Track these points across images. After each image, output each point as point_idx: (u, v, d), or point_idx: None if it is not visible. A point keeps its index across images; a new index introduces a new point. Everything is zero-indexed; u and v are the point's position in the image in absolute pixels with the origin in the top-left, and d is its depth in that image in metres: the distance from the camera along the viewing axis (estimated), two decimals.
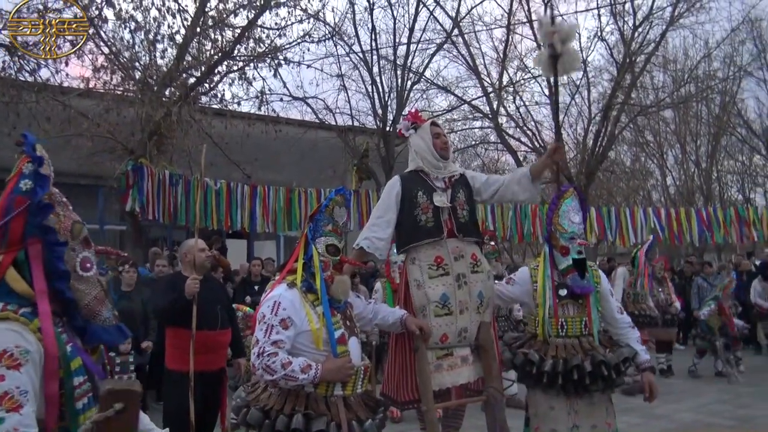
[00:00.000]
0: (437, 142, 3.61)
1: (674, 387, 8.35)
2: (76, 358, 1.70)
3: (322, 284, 2.73)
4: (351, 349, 2.74)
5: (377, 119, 14.48)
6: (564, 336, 3.40)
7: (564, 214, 3.52)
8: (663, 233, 11.78)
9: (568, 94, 17.38)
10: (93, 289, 1.79)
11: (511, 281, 3.70)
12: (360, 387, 2.76)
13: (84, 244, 1.83)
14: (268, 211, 10.51)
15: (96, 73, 9.74)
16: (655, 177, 24.79)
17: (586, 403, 3.33)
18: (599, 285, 3.53)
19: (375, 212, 3.65)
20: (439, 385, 3.38)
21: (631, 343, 3.48)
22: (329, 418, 2.56)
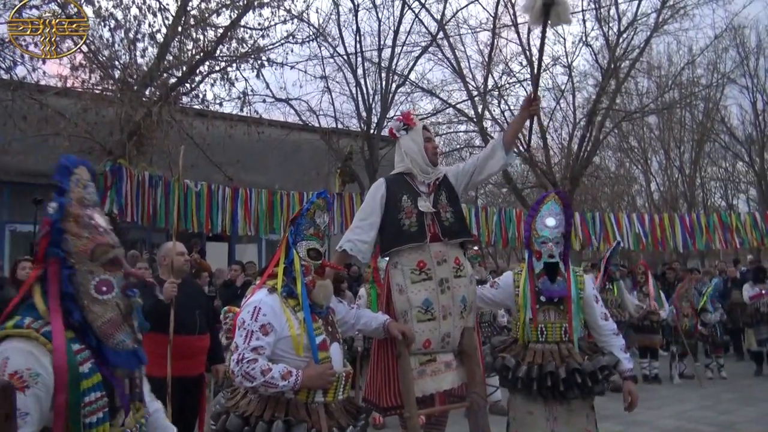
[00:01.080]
0: (428, 146, 3.60)
1: (656, 393, 8.32)
2: (95, 374, 1.76)
3: (303, 289, 2.70)
4: (332, 355, 2.70)
5: (361, 122, 14.39)
6: (543, 341, 3.41)
7: (540, 219, 3.53)
8: (646, 239, 11.79)
9: (553, 99, 17.44)
10: (108, 312, 1.82)
11: (495, 285, 3.71)
12: (341, 393, 2.72)
13: (108, 267, 1.86)
14: (249, 214, 10.36)
15: (74, 72, 9.55)
16: (640, 182, 24.96)
17: (565, 409, 3.32)
18: (582, 291, 3.49)
19: (359, 215, 3.62)
20: (423, 391, 3.34)
21: (614, 350, 3.45)
22: (309, 425, 2.53)
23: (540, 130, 16.72)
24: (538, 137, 17.58)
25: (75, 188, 1.89)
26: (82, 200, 1.89)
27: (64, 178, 1.88)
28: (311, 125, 14.15)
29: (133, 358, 1.89)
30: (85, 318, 1.80)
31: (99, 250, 1.86)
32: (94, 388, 1.75)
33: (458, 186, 3.67)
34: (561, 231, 3.49)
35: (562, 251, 3.49)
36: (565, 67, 16.59)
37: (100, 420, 1.77)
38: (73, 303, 1.79)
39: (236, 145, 11.17)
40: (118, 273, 1.88)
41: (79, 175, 1.91)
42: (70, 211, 1.85)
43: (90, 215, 1.88)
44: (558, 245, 3.46)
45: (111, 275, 1.86)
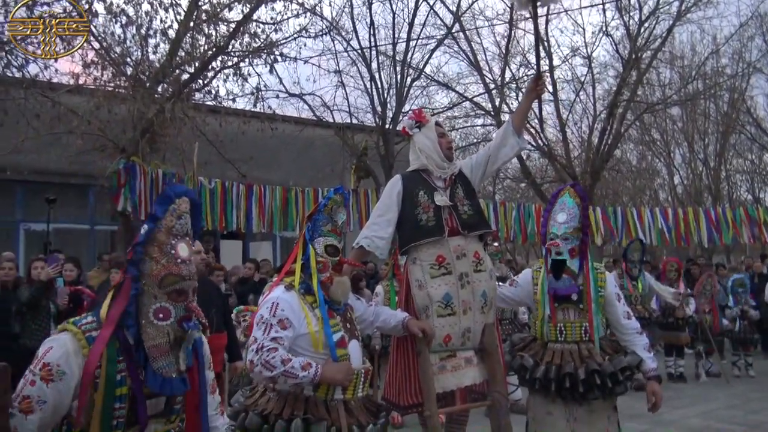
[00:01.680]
0: (443, 141, 3.58)
1: (682, 392, 8.12)
2: (123, 386, 1.91)
3: (318, 286, 2.70)
4: (351, 353, 2.69)
5: (376, 116, 14.22)
6: (563, 341, 3.35)
7: (553, 215, 3.45)
8: (670, 234, 11.50)
9: (573, 91, 17.12)
10: (159, 338, 1.96)
11: (515, 283, 3.65)
12: (361, 391, 2.70)
13: (173, 296, 2.00)
14: (264, 211, 10.29)
15: (86, 69, 9.50)
16: (662, 176, 24.52)
17: (585, 410, 3.27)
18: (603, 289, 3.39)
19: (375, 211, 3.61)
20: (443, 387, 3.32)
21: (637, 350, 3.36)
22: (329, 423, 2.51)
23: (559, 123, 16.45)
24: (557, 130, 17.30)
25: (169, 217, 2.04)
26: (171, 229, 2.04)
27: (161, 207, 2.05)
28: (325, 121, 14.00)
29: (169, 385, 1.97)
30: (139, 336, 1.95)
31: (169, 278, 2.00)
32: (119, 399, 1.90)
33: (473, 178, 3.65)
34: (573, 226, 3.37)
35: (577, 245, 3.37)
36: (585, 58, 16.29)
37: (117, 426, 1.92)
38: (133, 320, 1.96)
39: (249, 141, 11.07)
40: (180, 304, 2.01)
41: (178, 205, 2.06)
42: (156, 237, 2.02)
43: (174, 245, 2.02)
44: (567, 241, 3.35)
45: (172, 304, 1.99)
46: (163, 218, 2.03)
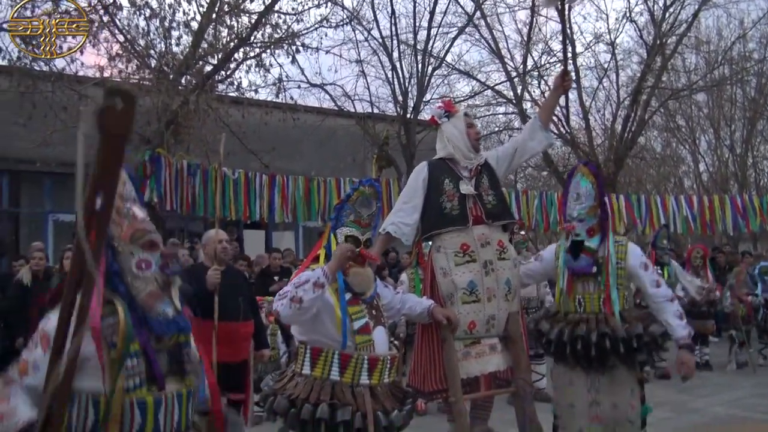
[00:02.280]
0: (471, 132, 3.62)
1: (709, 380, 8.06)
2: (134, 342, 1.99)
3: (339, 274, 2.76)
4: (376, 339, 2.74)
5: (397, 106, 14.20)
6: (582, 312, 3.39)
7: (570, 196, 3.50)
8: (695, 222, 11.34)
9: (596, 78, 16.91)
10: (148, 286, 2.05)
11: (539, 257, 3.73)
12: (387, 377, 2.75)
13: (147, 248, 2.09)
14: (287, 201, 10.37)
15: (111, 62, 9.64)
16: (687, 163, 24.13)
17: (607, 380, 3.27)
18: (623, 261, 3.39)
19: (401, 198, 3.68)
20: (467, 374, 3.37)
21: (666, 317, 3.31)
22: (354, 408, 2.56)
23: (582, 111, 16.28)
24: (579, 118, 17.12)
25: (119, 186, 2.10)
26: (122, 195, 2.12)
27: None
28: (347, 110, 14.02)
29: (174, 324, 2.08)
30: (130, 292, 2.03)
31: (137, 234, 2.09)
32: (133, 355, 1.97)
33: (499, 169, 3.69)
34: (589, 205, 3.40)
35: (595, 223, 3.39)
36: (608, 45, 16.07)
37: (137, 385, 1.98)
38: (120, 279, 2.04)
39: (271, 132, 11.15)
40: (156, 253, 2.11)
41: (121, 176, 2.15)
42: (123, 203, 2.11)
43: (129, 207, 2.14)
44: (583, 223, 3.39)
45: (150, 255, 2.09)
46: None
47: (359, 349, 2.69)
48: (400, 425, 2.69)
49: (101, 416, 1.94)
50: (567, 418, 3.31)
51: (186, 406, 2.10)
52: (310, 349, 2.73)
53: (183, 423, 2.08)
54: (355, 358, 2.67)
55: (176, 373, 2.11)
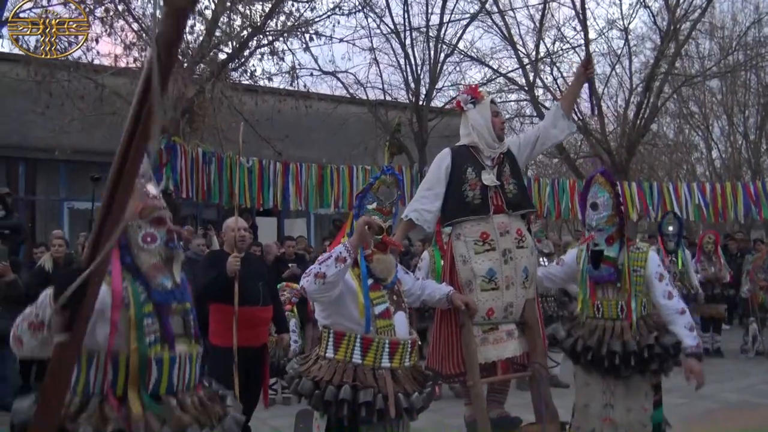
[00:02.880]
0: (496, 121, 3.64)
1: (721, 367, 8.10)
2: (149, 304, 2.15)
3: (362, 260, 2.84)
4: (396, 323, 2.83)
5: (410, 93, 14.20)
6: (600, 318, 3.46)
7: (588, 204, 3.56)
8: (707, 209, 11.31)
9: (609, 64, 16.81)
10: (152, 259, 2.20)
11: (561, 262, 3.78)
12: (408, 360, 2.83)
13: (154, 224, 2.23)
14: (300, 189, 10.44)
15: (126, 50, 9.72)
16: (700, 150, 23.97)
17: (622, 385, 3.37)
18: (642, 269, 3.43)
19: (424, 184, 3.74)
20: (485, 359, 3.45)
21: (676, 329, 3.39)
22: (376, 390, 2.63)
23: (594, 97, 16.20)
24: (589, 102, 17.05)
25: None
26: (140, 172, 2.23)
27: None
28: (359, 98, 14.04)
29: (170, 295, 2.21)
30: (135, 263, 2.19)
31: (147, 210, 2.23)
32: (149, 315, 2.14)
33: (520, 157, 3.73)
34: (607, 214, 3.46)
35: (614, 231, 3.45)
36: (622, 31, 15.95)
37: (154, 341, 2.14)
38: (127, 251, 2.19)
39: (284, 119, 11.21)
40: (162, 229, 2.24)
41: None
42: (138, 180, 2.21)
43: (143, 184, 2.26)
44: (602, 232, 3.45)
45: (156, 230, 2.23)
46: None
47: (380, 333, 2.76)
48: (420, 407, 2.76)
49: (121, 372, 2.08)
50: (581, 418, 3.42)
51: (194, 367, 2.23)
52: (333, 333, 2.81)
53: (192, 382, 2.22)
54: (376, 342, 2.75)
55: (185, 336, 2.25)
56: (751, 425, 5.45)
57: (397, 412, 2.64)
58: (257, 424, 5.22)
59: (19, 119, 11.14)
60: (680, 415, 5.87)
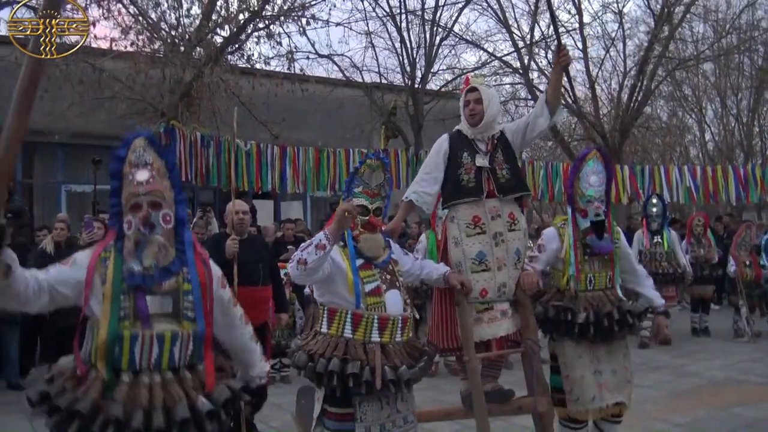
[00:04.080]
0: (465, 110, 3.75)
1: (707, 345, 8.33)
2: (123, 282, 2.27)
3: (349, 240, 3.00)
4: (388, 300, 2.95)
5: (405, 76, 14.26)
6: (591, 290, 3.70)
7: (584, 177, 3.73)
8: (697, 192, 11.47)
9: (603, 48, 16.87)
10: (128, 244, 2.33)
11: (541, 248, 3.87)
12: (400, 336, 2.96)
13: (133, 210, 2.34)
14: (298, 172, 10.54)
15: (123, 34, 9.75)
16: (693, 132, 24.12)
17: (605, 350, 3.65)
18: (619, 242, 3.81)
19: (424, 168, 3.85)
20: (480, 337, 3.58)
21: (646, 290, 3.90)
22: (364, 363, 2.77)
23: (588, 81, 16.29)
24: (586, 88, 17.14)
25: (130, 154, 2.41)
26: (131, 161, 2.40)
27: (122, 148, 2.43)
28: (355, 81, 14.09)
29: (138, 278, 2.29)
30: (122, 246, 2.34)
31: (129, 197, 2.35)
32: (124, 292, 2.26)
33: (514, 143, 3.80)
34: (604, 188, 3.72)
35: (605, 208, 3.72)
36: (616, 14, 16.01)
37: (124, 317, 2.24)
38: (120, 236, 2.37)
39: (280, 103, 11.28)
40: (137, 214, 2.33)
41: (134, 143, 2.42)
42: (124, 171, 2.39)
43: (133, 173, 2.37)
44: (603, 203, 3.69)
45: (133, 216, 2.33)
46: (126, 156, 2.40)
47: (370, 310, 2.91)
48: (408, 379, 2.86)
49: (93, 343, 2.25)
50: (580, 389, 3.62)
51: (170, 347, 2.26)
52: (327, 310, 2.98)
53: (164, 362, 2.25)
54: (365, 318, 2.89)
55: (172, 316, 2.30)
56: (735, 400, 5.63)
57: (384, 384, 2.76)
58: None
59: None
60: (667, 390, 6.10)
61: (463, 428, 4.72)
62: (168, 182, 2.43)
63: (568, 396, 3.67)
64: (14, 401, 6.04)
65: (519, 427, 4.61)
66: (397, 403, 2.94)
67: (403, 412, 2.97)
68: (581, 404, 3.62)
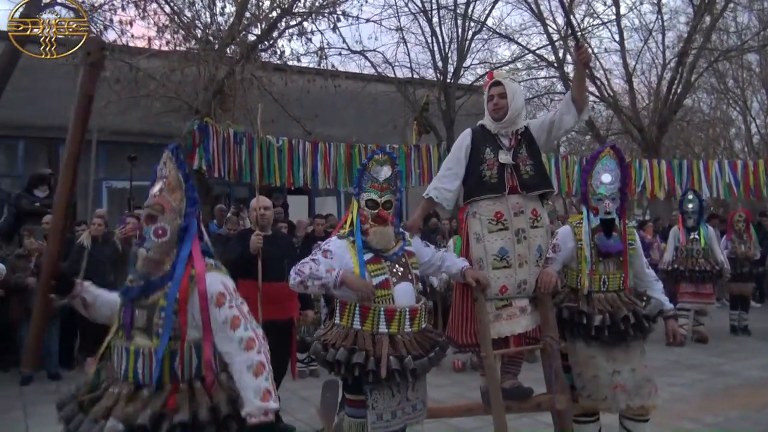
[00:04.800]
0: (489, 104, 3.73)
1: (746, 344, 8.14)
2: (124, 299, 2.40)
3: (357, 233, 3.11)
4: (397, 293, 3.04)
5: (437, 71, 14.20)
6: (605, 291, 3.67)
7: (596, 175, 3.70)
8: (737, 188, 11.10)
9: (641, 40, 16.50)
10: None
11: (556, 248, 3.82)
12: (409, 327, 3.04)
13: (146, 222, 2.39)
14: (329, 168, 10.60)
15: (160, 33, 9.96)
16: (738, 125, 23.39)
17: (622, 350, 3.60)
18: (634, 243, 3.79)
19: (445, 164, 3.84)
20: (498, 334, 3.57)
21: (656, 294, 3.79)
22: (370, 353, 2.88)
23: (626, 73, 15.96)
24: (623, 81, 16.80)
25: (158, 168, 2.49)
26: (157, 175, 2.48)
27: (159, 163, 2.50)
28: (387, 76, 14.09)
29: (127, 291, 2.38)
30: None
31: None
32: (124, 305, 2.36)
33: (539, 139, 3.76)
34: (617, 186, 3.66)
35: (619, 206, 3.66)
36: (654, 5, 15.63)
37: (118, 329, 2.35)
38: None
39: (314, 99, 11.36)
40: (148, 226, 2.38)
41: (163, 156, 2.49)
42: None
43: (154, 185, 2.45)
44: (614, 201, 3.63)
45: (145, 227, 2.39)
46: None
47: (377, 302, 3.01)
48: (413, 369, 2.92)
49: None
50: (593, 388, 3.59)
51: (134, 363, 2.25)
52: (340, 303, 3.12)
53: (130, 376, 2.26)
54: (373, 310, 3.00)
55: (145, 331, 2.28)
56: None
57: (390, 373, 2.85)
58: (287, 395, 5.50)
59: (61, 101, 11.48)
60: (701, 389, 5.96)
61: (485, 424, 4.70)
62: (180, 194, 2.42)
63: (580, 392, 3.66)
64: (54, 391, 6.27)
65: (544, 425, 4.58)
66: (408, 392, 3.03)
67: (413, 400, 3.07)
68: (592, 400, 3.62)
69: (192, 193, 2.44)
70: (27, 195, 8.10)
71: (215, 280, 2.34)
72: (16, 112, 11.44)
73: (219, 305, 2.30)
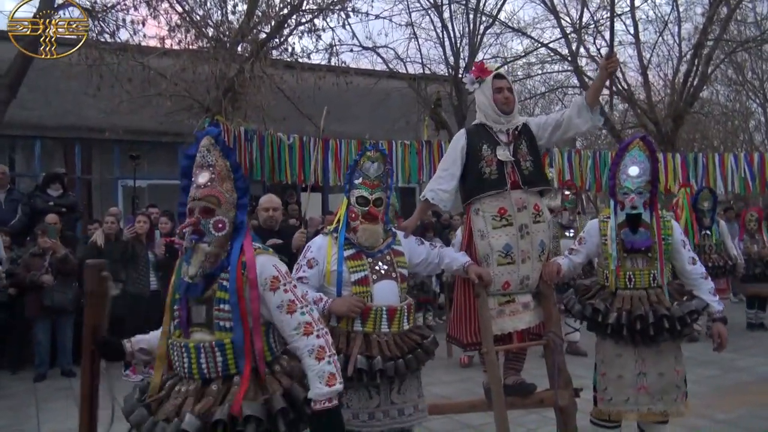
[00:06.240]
0: (498, 97, 3.65)
1: (761, 341, 8.03)
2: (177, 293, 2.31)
3: (342, 229, 3.09)
4: (376, 291, 2.98)
5: (449, 67, 14.15)
6: (632, 288, 3.47)
7: (623, 167, 3.50)
8: (753, 182, 10.90)
9: (656, 31, 16.29)
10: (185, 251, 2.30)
11: (582, 240, 3.72)
12: (387, 327, 2.98)
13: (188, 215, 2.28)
14: (340, 165, 10.60)
15: (171, 33, 10.03)
16: (758, 117, 23.03)
17: (653, 351, 3.42)
18: (670, 237, 3.52)
19: (441, 165, 3.81)
20: (501, 330, 3.56)
21: (702, 294, 3.50)
22: (342, 350, 2.83)
23: (641, 66, 15.78)
24: (638, 73, 16.60)
25: (197, 154, 2.33)
26: (197, 162, 2.32)
27: (194, 147, 2.36)
28: (399, 72, 14.06)
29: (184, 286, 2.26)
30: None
31: (189, 201, 2.29)
32: (177, 302, 2.28)
33: (539, 136, 3.73)
34: (645, 179, 3.45)
35: (648, 199, 3.46)
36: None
37: (176, 326, 2.28)
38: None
39: (325, 95, 11.34)
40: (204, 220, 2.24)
41: (202, 142, 2.34)
42: (194, 171, 2.32)
43: (197, 174, 2.30)
44: (641, 195, 3.44)
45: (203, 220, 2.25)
46: (195, 154, 2.33)
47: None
48: (380, 369, 2.82)
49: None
50: (614, 389, 3.45)
51: (197, 358, 2.18)
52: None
53: (194, 372, 2.19)
54: None
55: (205, 326, 2.23)
56: None
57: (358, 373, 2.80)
58: None
59: (74, 101, 11.64)
60: (711, 386, 5.91)
61: (492, 420, 4.69)
62: (230, 184, 2.31)
63: (601, 395, 3.53)
64: (67, 387, 6.36)
65: (552, 421, 4.55)
66: (392, 395, 2.95)
67: (399, 404, 2.96)
68: (613, 405, 3.46)
69: (242, 183, 2.34)
70: (41, 194, 8.20)
71: (267, 264, 2.26)
72: (32, 112, 11.59)
73: (273, 289, 2.23)
